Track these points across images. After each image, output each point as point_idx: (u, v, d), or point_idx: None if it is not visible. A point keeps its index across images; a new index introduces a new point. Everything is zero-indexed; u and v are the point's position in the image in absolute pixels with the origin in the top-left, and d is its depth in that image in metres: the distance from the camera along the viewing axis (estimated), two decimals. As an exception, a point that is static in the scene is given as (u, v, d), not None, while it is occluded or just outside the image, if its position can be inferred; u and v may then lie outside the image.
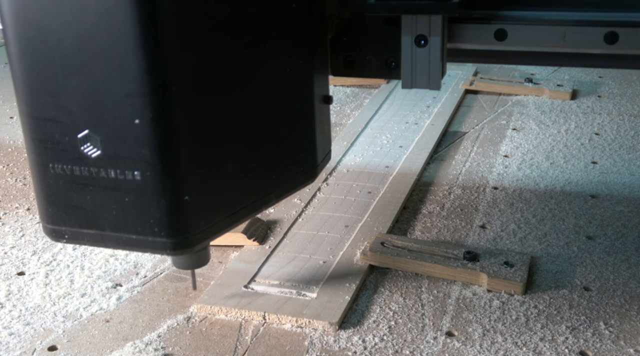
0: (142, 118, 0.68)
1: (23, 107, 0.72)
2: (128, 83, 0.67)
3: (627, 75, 1.92)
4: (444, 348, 0.88)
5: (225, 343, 0.91)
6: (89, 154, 0.71)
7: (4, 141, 1.61)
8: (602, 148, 1.46)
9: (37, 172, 0.75)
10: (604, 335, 0.90)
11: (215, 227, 0.77)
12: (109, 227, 0.75)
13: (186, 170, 0.71)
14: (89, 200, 0.74)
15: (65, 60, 0.68)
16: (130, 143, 0.69)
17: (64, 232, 0.77)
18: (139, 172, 0.70)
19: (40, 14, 0.67)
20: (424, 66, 0.81)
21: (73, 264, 1.09)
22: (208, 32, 0.70)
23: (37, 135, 0.73)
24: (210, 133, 0.73)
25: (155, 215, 0.72)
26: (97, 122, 0.69)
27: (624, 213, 1.19)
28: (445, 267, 1.01)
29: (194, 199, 0.73)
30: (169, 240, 0.74)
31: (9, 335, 0.94)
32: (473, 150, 1.47)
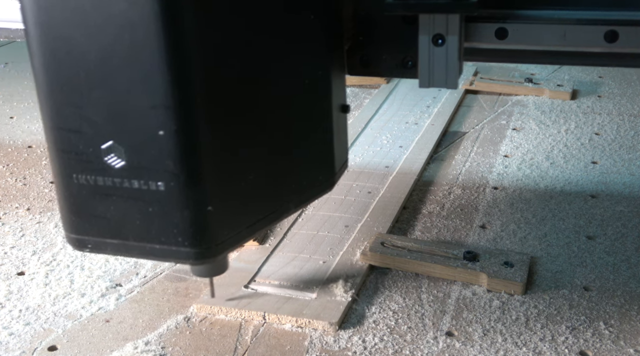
0: (166, 130, 0.68)
1: (47, 118, 0.72)
2: (152, 94, 0.67)
3: (627, 75, 1.92)
4: (444, 348, 0.88)
5: (225, 343, 0.91)
6: (113, 165, 0.72)
7: (4, 141, 1.61)
8: (602, 148, 1.46)
9: (61, 182, 0.75)
10: (604, 335, 0.90)
11: (237, 237, 0.78)
12: (133, 236, 0.75)
13: (209, 180, 0.72)
14: (113, 210, 0.74)
15: (90, 72, 0.68)
16: (154, 154, 0.70)
17: (87, 242, 0.77)
18: (163, 183, 0.71)
19: (64, 27, 0.67)
20: (441, 65, 0.81)
21: (73, 264, 1.09)
22: (231, 43, 0.70)
23: (61, 145, 0.73)
24: (232, 143, 0.73)
25: (179, 225, 0.73)
26: (121, 133, 0.70)
27: (624, 213, 1.19)
28: (445, 266, 1.01)
29: (217, 209, 0.73)
30: (193, 250, 0.74)
31: (9, 335, 0.94)
32: (473, 150, 1.47)
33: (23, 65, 2.21)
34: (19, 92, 1.95)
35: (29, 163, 1.48)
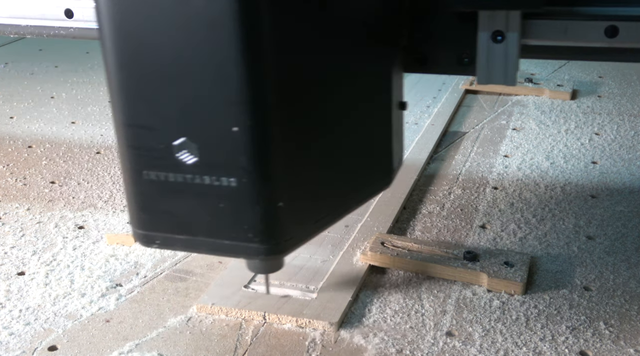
0: (241, 126, 0.68)
1: (119, 114, 0.73)
2: (228, 90, 0.67)
3: (627, 75, 1.92)
4: (444, 348, 0.88)
5: (225, 343, 0.91)
6: (185, 161, 0.72)
7: (4, 141, 1.61)
8: (602, 148, 1.46)
9: (130, 179, 0.75)
10: (604, 335, 0.90)
11: (304, 233, 0.78)
12: (202, 232, 0.75)
13: (281, 176, 0.72)
14: (182, 206, 0.75)
15: (165, 68, 0.69)
16: (227, 150, 0.70)
17: (155, 238, 0.77)
18: (235, 179, 0.71)
19: (141, 24, 0.68)
20: (500, 62, 0.81)
21: (73, 264, 1.09)
22: (304, 41, 0.71)
23: (131, 142, 0.73)
24: (302, 140, 0.74)
25: (249, 221, 0.73)
26: (194, 129, 0.70)
27: (624, 213, 1.19)
28: (445, 266, 1.01)
29: (287, 205, 0.73)
30: (262, 246, 0.74)
31: (9, 335, 0.94)
32: (473, 150, 1.47)
33: (23, 65, 2.21)
34: (19, 92, 1.95)
35: (29, 163, 1.48)
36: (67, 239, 1.17)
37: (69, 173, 1.42)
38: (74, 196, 1.33)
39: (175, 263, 1.09)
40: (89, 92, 1.93)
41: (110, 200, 1.30)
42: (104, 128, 1.66)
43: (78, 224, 1.22)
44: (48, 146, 1.57)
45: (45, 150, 1.54)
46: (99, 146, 1.56)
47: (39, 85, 2.00)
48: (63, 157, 1.51)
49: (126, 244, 1.14)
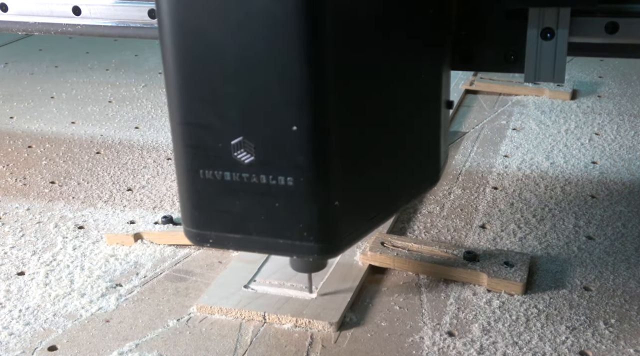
0: (300, 126, 0.69)
1: (176, 113, 0.73)
2: (288, 90, 0.68)
3: (627, 75, 1.92)
4: (444, 348, 0.88)
5: (225, 343, 0.91)
6: (242, 160, 0.72)
7: (4, 141, 1.61)
8: (602, 148, 1.46)
9: (186, 178, 0.76)
10: (604, 335, 0.90)
11: (357, 232, 0.79)
12: (256, 231, 0.76)
13: (337, 176, 0.73)
14: (238, 205, 0.75)
15: (226, 67, 0.69)
16: (285, 150, 0.71)
17: (209, 236, 0.78)
18: (292, 178, 0.72)
19: (203, 23, 0.68)
20: (549, 59, 0.81)
21: (73, 264, 1.09)
22: (362, 43, 0.72)
23: (189, 141, 0.74)
24: (358, 140, 0.74)
25: (305, 220, 0.74)
26: (252, 129, 0.71)
27: (624, 213, 1.19)
28: (445, 266, 1.01)
29: (342, 205, 0.74)
30: (317, 245, 0.75)
31: (9, 335, 0.94)
32: (473, 150, 1.47)
33: (23, 65, 2.21)
34: (19, 92, 1.95)
35: (29, 163, 1.48)
36: (67, 239, 1.17)
37: (69, 173, 1.43)
38: (74, 196, 1.33)
39: (175, 263, 1.09)
40: (89, 92, 1.93)
41: (110, 200, 1.30)
42: (104, 128, 1.66)
43: (78, 224, 1.22)
44: (48, 146, 1.57)
45: (45, 150, 1.54)
46: (99, 146, 1.56)
47: (39, 85, 2.00)
48: (63, 157, 1.51)
49: (126, 244, 1.14)
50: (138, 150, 1.53)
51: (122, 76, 2.06)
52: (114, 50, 2.35)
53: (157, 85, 1.97)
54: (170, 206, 1.27)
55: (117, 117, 1.73)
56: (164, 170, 1.43)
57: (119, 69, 2.13)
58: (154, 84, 1.98)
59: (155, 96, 1.88)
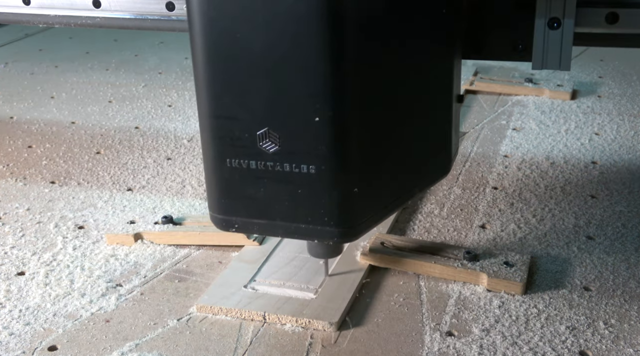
0: (322, 116, 0.74)
1: (205, 106, 0.78)
2: (311, 84, 0.73)
3: (627, 75, 1.92)
4: (444, 348, 0.88)
5: (225, 343, 0.91)
6: (267, 150, 0.78)
7: (4, 141, 1.61)
8: (602, 148, 1.46)
9: (214, 167, 0.81)
10: (604, 335, 0.90)
11: (374, 218, 0.84)
12: (280, 217, 0.81)
13: (356, 164, 0.78)
14: (262, 192, 0.81)
15: (253, 62, 0.74)
16: (308, 140, 0.76)
17: (235, 222, 0.84)
18: (314, 166, 0.77)
19: (232, 21, 0.73)
20: (556, 48, 0.84)
21: (73, 264, 1.09)
22: (380, 40, 0.76)
23: (217, 132, 0.79)
24: (375, 131, 0.79)
25: (326, 206, 0.79)
26: (277, 120, 0.76)
27: (624, 213, 1.20)
28: (445, 266, 1.01)
29: (360, 192, 0.79)
30: (337, 229, 0.80)
31: (9, 335, 0.94)
32: (473, 150, 1.47)
33: (23, 65, 2.21)
34: (19, 92, 1.95)
35: (29, 163, 1.48)
36: (67, 239, 1.17)
37: (69, 173, 1.43)
38: (74, 196, 1.33)
39: (175, 263, 1.09)
40: (89, 92, 1.93)
41: (110, 200, 1.30)
42: (104, 128, 1.66)
43: (78, 224, 1.22)
44: (48, 146, 1.57)
45: (45, 150, 1.54)
46: (99, 146, 1.56)
47: (39, 85, 2.00)
48: (63, 157, 1.51)
49: (126, 244, 1.14)
50: (138, 150, 1.53)
51: (122, 76, 2.06)
52: (114, 50, 2.35)
53: (157, 85, 1.97)
54: (170, 206, 1.27)
55: (117, 117, 1.73)
56: (164, 170, 1.43)
57: (119, 69, 2.13)
58: (154, 84, 1.99)
59: (155, 96, 1.88)
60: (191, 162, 1.46)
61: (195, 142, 1.56)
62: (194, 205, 1.27)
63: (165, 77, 2.05)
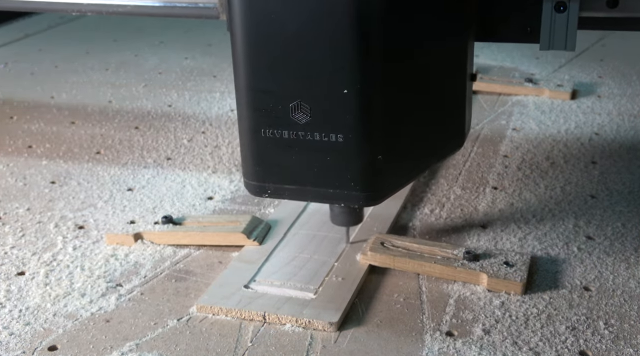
0: (350, 89, 0.82)
1: (243, 81, 0.86)
2: (340, 58, 0.81)
3: (627, 75, 1.92)
4: (444, 348, 0.88)
5: (225, 343, 0.91)
6: (299, 120, 0.85)
7: (4, 141, 1.61)
8: (602, 148, 1.46)
9: (249, 137, 0.89)
10: (604, 335, 0.90)
11: (395, 185, 0.92)
12: (310, 182, 0.89)
13: (381, 134, 0.86)
14: (294, 160, 0.88)
15: (287, 40, 0.82)
16: (336, 111, 0.83)
17: (267, 188, 0.91)
18: (342, 135, 0.85)
19: (267, 3, 0.81)
20: (562, 30, 0.90)
21: (73, 264, 1.09)
22: (404, 20, 0.83)
23: (253, 104, 0.86)
24: (398, 103, 0.87)
25: (353, 172, 0.87)
26: (308, 92, 0.84)
27: (624, 213, 1.20)
28: (445, 266, 1.01)
29: (384, 159, 0.87)
30: (363, 194, 0.88)
31: (9, 335, 0.94)
32: (473, 150, 1.47)
33: (23, 65, 2.21)
34: (19, 92, 1.95)
35: (29, 163, 1.48)
36: (67, 239, 1.17)
37: (69, 173, 1.43)
38: (74, 196, 1.33)
39: (175, 263, 1.09)
40: (89, 92, 1.93)
41: (110, 200, 1.30)
42: (104, 128, 1.66)
43: (78, 224, 1.22)
44: (48, 146, 1.57)
45: (45, 150, 1.54)
46: (99, 146, 1.56)
47: (39, 85, 2.00)
48: (63, 157, 1.51)
49: (126, 244, 1.14)
50: (138, 150, 1.53)
51: (122, 76, 2.06)
52: (114, 50, 2.35)
53: (157, 85, 1.97)
54: (170, 206, 1.27)
55: (117, 117, 1.73)
56: (164, 170, 1.43)
57: (119, 69, 2.13)
58: (154, 83, 1.99)
59: (155, 96, 1.88)
60: (191, 162, 1.46)
61: (195, 142, 1.56)
62: (194, 205, 1.27)
63: (165, 77, 2.05)
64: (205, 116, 1.72)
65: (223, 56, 2.22)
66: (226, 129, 1.63)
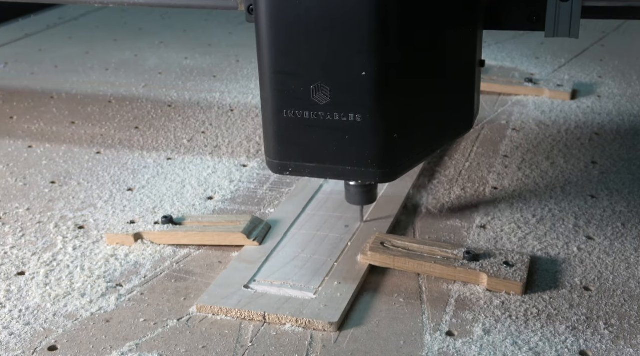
0: (368, 71, 0.87)
1: (267, 64, 0.91)
2: (359, 43, 0.86)
3: (627, 75, 1.92)
4: (444, 348, 0.88)
5: (225, 343, 0.91)
6: (319, 101, 0.90)
7: (4, 141, 1.61)
8: (602, 148, 1.46)
9: (272, 117, 0.94)
10: (604, 335, 0.90)
11: (409, 162, 0.96)
12: (329, 160, 0.94)
13: (396, 114, 0.91)
14: (314, 139, 0.93)
15: (310, 25, 0.87)
16: (355, 92, 0.88)
17: (289, 166, 0.96)
18: (360, 115, 0.89)
19: None
20: (566, 18, 0.94)
21: (73, 264, 1.09)
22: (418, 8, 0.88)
23: (276, 86, 0.91)
24: (412, 86, 0.92)
25: (370, 150, 0.92)
26: (328, 75, 0.89)
27: (624, 213, 1.20)
28: (445, 266, 1.01)
29: (399, 138, 0.92)
30: (379, 170, 0.93)
31: (9, 335, 0.94)
32: (473, 150, 1.47)
33: (23, 65, 2.21)
34: (19, 92, 1.95)
35: (29, 163, 1.48)
36: (67, 239, 1.17)
37: (69, 173, 1.43)
38: (74, 196, 1.33)
39: (175, 263, 1.09)
40: (89, 92, 1.93)
41: (110, 200, 1.30)
42: (104, 128, 1.66)
43: (78, 224, 1.22)
44: (48, 146, 1.57)
45: (45, 150, 1.54)
46: (99, 146, 1.56)
47: (39, 85, 2.00)
48: (63, 157, 1.51)
49: (126, 244, 1.14)
50: (138, 150, 1.53)
51: (122, 76, 2.06)
52: (114, 50, 2.35)
53: (157, 85, 1.97)
54: (170, 206, 1.27)
55: (117, 117, 1.73)
56: (164, 170, 1.43)
57: (119, 69, 2.13)
58: (154, 83, 1.99)
59: (155, 96, 1.88)
60: (191, 162, 1.46)
61: (195, 142, 1.56)
62: (194, 205, 1.27)
63: (165, 77, 2.05)
64: (205, 116, 1.72)
65: (223, 56, 2.22)
66: (226, 129, 1.63)
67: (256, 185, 1.34)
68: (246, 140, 1.56)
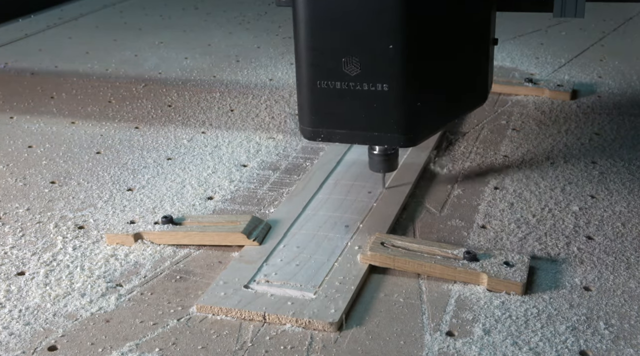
0: (395, 44, 0.98)
1: (303, 41, 1.02)
2: (387, 19, 0.97)
3: (627, 75, 1.92)
4: (444, 348, 0.88)
5: (225, 343, 0.91)
6: (350, 72, 1.00)
7: (4, 141, 1.61)
8: (602, 148, 1.46)
9: (306, 88, 1.04)
10: (604, 335, 0.90)
11: (429, 130, 1.08)
12: (358, 127, 1.04)
13: (419, 84, 1.01)
14: (345, 107, 1.03)
15: (344, 6, 0.98)
16: (383, 64, 0.99)
17: (321, 132, 1.07)
18: (387, 85, 1.00)
19: None
20: None
21: (73, 264, 1.09)
22: None
23: (311, 60, 1.02)
24: (434, 60, 1.02)
25: (396, 116, 1.02)
26: (359, 49, 0.99)
27: (624, 213, 1.19)
28: (445, 266, 1.01)
29: (422, 107, 1.02)
30: (404, 136, 1.03)
31: (9, 335, 0.94)
32: (473, 150, 1.47)
33: (23, 65, 2.21)
34: (19, 92, 1.95)
35: (29, 163, 1.48)
36: (67, 239, 1.17)
37: (69, 173, 1.43)
38: (74, 196, 1.33)
39: (175, 263, 1.09)
40: (89, 92, 1.93)
41: (110, 200, 1.30)
42: (104, 128, 1.66)
43: (78, 224, 1.22)
44: (48, 146, 1.57)
45: (45, 150, 1.54)
46: (99, 146, 1.56)
47: (39, 85, 2.00)
48: (63, 157, 1.51)
49: (126, 244, 1.14)
50: (138, 150, 1.53)
51: (122, 76, 2.06)
52: (114, 50, 2.35)
53: (157, 85, 1.97)
54: (170, 206, 1.27)
55: (117, 117, 1.73)
56: (164, 170, 1.43)
57: (119, 69, 2.13)
58: (154, 83, 1.99)
59: (155, 96, 1.88)
60: (191, 162, 1.46)
61: (195, 142, 1.56)
62: (194, 205, 1.27)
63: (165, 77, 2.05)
64: (205, 116, 1.72)
65: (223, 56, 2.22)
66: (226, 129, 1.63)
67: (256, 185, 1.34)
68: (246, 140, 1.56)
